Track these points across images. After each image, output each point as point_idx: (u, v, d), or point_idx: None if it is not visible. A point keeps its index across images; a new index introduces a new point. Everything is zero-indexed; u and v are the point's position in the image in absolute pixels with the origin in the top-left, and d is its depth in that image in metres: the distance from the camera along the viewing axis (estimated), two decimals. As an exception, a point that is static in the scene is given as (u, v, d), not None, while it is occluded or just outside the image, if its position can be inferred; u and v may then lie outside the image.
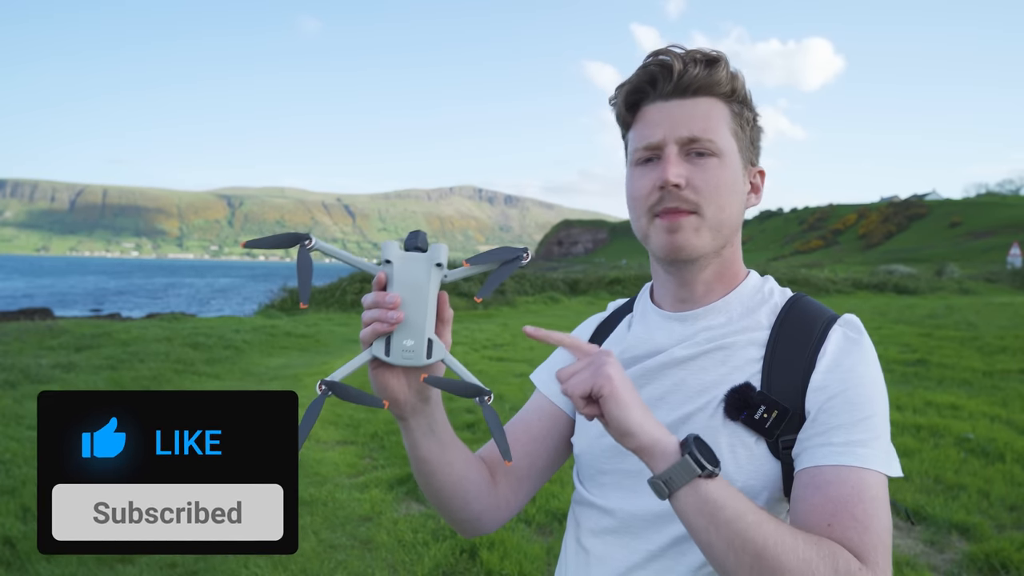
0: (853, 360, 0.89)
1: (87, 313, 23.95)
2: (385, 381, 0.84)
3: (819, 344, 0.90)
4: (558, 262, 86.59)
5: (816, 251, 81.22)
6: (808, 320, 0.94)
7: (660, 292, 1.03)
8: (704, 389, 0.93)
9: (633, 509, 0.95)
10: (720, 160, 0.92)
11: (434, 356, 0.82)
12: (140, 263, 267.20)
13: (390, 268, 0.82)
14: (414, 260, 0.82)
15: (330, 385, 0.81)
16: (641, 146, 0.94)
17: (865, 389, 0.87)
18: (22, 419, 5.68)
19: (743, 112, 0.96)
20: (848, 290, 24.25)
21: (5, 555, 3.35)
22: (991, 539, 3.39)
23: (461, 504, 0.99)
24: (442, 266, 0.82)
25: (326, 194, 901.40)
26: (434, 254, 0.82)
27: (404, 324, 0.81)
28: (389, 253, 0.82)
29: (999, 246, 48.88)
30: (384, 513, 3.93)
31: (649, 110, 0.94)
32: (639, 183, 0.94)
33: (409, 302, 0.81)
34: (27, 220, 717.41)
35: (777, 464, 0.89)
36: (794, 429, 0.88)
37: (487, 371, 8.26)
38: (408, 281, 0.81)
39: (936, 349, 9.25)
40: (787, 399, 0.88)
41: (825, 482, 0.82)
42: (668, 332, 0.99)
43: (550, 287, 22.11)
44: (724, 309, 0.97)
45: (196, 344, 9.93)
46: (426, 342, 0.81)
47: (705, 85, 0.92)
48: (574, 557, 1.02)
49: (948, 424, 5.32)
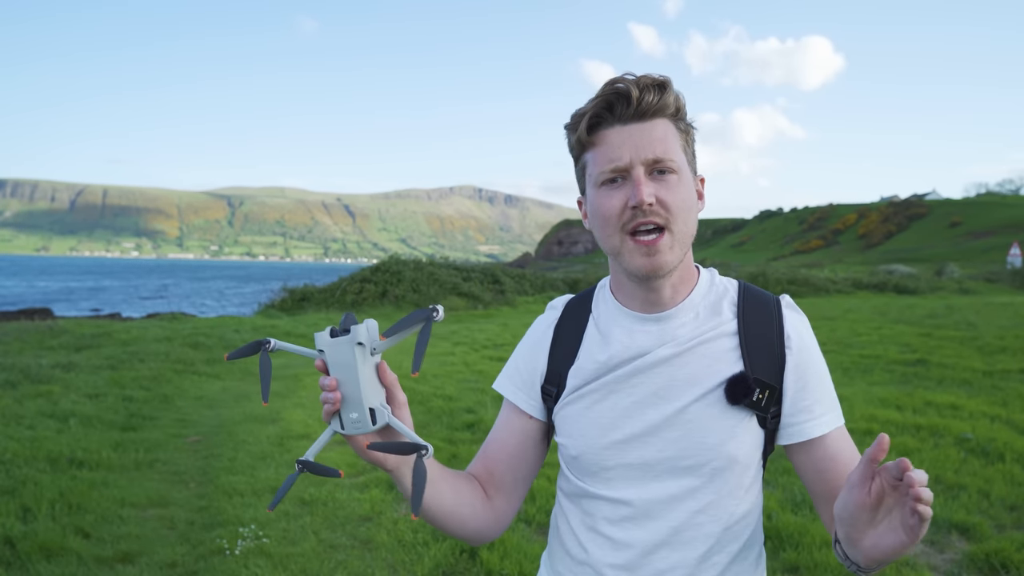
0: (808, 339, 1.08)
1: (87, 313, 23.94)
2: (359, 447, 0.95)
3: (781, 327, 1.07)
4: (558, 262, 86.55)
5: (816, 251, 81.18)
6: (764, 306, 1.09)
7: (627, 297, 1.10)
8: (692, 381, 1.04)
9: (648, 496, 1.04)
10: (679, 176, 1.02)
11: (378, 423, 0.93)
12: (140, 263, 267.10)
13: (324, 355, 0.93)
14: (339, 344, 0.91)
15: (303, 464, 0.96)
16: (608, 168, 1.01)
17: (820, 361, 1.08)
18: (22, 419, 5.68)
19: (687, 128, 1.06)
20: (848, 290, 24.24)
21: (5, 555, 3.35)
22: (991, 539, 3.39)
23: (459, 526, 1.08)
24: (364, 344, 0.91)
25: (326, 194, 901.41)
26: (354, 335, 0.90)
27: (346, 400, 0.92)
28: (320, 343, 0.93)
29: (999, 246, 48.85)
30: (384, 513, 3.93)
31: (609, 134, 1.02)
32: (609, 203, 1.02)
33: (344, 381, 0.92)
34: (27, 220, 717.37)
35: (762, 433, 1.06)
36: (776, 402, 1.04)
37: (487, 371, 8.26)
38: (339, 363, 0.92)
39: (936, 349, 9.25)
40: (770, 378, 1.04)
41: (835, 450, 1.04)
42: (647, 333, 1.07)
43: (550, 287, 22.13)
44: (691, 307, 1.08)
45: (196, 344, 9.93)
46: (367, 412, 0.92)
47: (659, 108, 1.01)
48: (593, 544, 1.08)
49: (948, 424, 5.31)
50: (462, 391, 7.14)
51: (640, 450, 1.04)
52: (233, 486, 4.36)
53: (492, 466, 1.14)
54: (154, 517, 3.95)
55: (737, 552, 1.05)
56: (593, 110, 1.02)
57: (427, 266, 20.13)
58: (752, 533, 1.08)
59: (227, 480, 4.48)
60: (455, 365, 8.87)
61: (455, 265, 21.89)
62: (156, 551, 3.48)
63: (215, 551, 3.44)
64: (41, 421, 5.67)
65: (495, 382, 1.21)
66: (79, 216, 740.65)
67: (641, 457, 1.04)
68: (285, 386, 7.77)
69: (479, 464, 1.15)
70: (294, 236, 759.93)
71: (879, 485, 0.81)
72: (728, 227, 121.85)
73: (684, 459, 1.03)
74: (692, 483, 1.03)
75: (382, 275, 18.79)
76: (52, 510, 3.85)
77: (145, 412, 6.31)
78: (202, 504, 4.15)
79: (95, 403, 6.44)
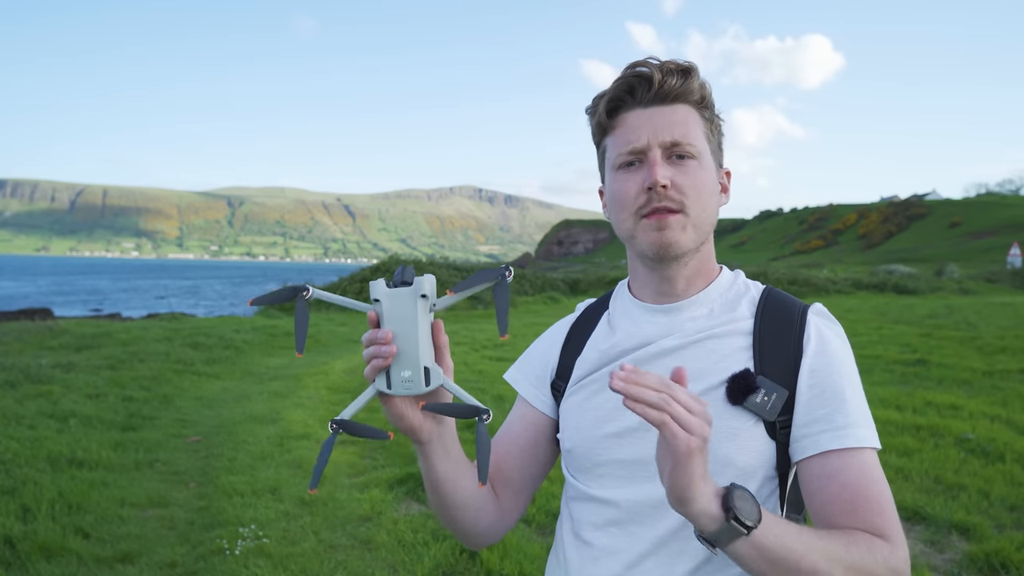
0: (836, 345, 0.97)
1: (87, 313, 23.94)
2: (399, 411, 0.88)
3: (802, 330, 0.98)
4: (558, 262, 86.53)
5: (816, 251, 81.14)
6: (786, 309, 1.01)
7: (640, 287, 1.07)
8: (697, 377, 0.97)
9: (637, 498, 0.98)
10: (699, 162, 0.98)
11: (432, 383, 0.86)
12: (139, 263, 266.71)
13: (379, 306, 0.86)
14: (400, 295, 0.85)
15: (340, 423, 0.88)
16: (625, 150, 0.98)
17: (847, 370, 0.95)
18: (22, 419, 5.68)
19: (712, 118, 1.03)
20: (848, 290, 24.23)
21: (5, 555, 3.35)
22: (991, 539, 3.39)
23: (473, 520, 1.03)
24: (427, 296, 0.84)
25: (326, 194, 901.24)
26: (418, 286, 0.84)
27: (399, 356, 0.85)
28: (376, 292, 0.86)
29: (999, 246, 48.82)
30: (384, 513, 3.93)
31: (629, 117, 0.99)
32: (624, 186, 0.99)
33: (401, 335, 0.85)
34: (27, 220, 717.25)
35: (772, 444, 0.94)
36: (788, 410, 0.94)
37: (487, 371, 8.25)
38: (397, 316, 0.85)
39: (936, 349, 9.25)
40: (783, 382, 0.94)
41: (836, 470, 0.89)
42: (654, 324, 1.03)
43: (550, 287, 22.12)
44: (705, 301, 1.03)
45: (196, 344, 9.93)
46: (422, 371, 0.86)
47: (681, 93, 0.98)
48: (575, 552, 1.03)
49: (948, 424, 5.31)
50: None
51: (634, 446, 0.98)
52: (233, 486, 4.35)
53: (502, 460, 1.10)
54: (154, 517, 3.95)
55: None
56: (613, 92, 0.99)
57: (427, 266, 20.15)
58: None
59: (227, 480, 4.48)
60: (455, 365, 8.80)
61: (455, 265, 21.92)
62: (156, 551, 3.48)
63: (215, 551, 3.44)
64: (41, 421, 5.67)
65: (506, 372, 1.18)
66: (79, 216, 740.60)
67: (634, 453, 0.98)
68: (285, 386, 7.77)
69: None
70: (294, 236, 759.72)
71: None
72: (728, 227, 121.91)
73: None
74: None
75: (382, 275, 18.80)
76: (52, 510, 3.85)
77: (145, 412, 6.31)
78: (202, 504, 4.15)
79: (95, 403, 6.44)
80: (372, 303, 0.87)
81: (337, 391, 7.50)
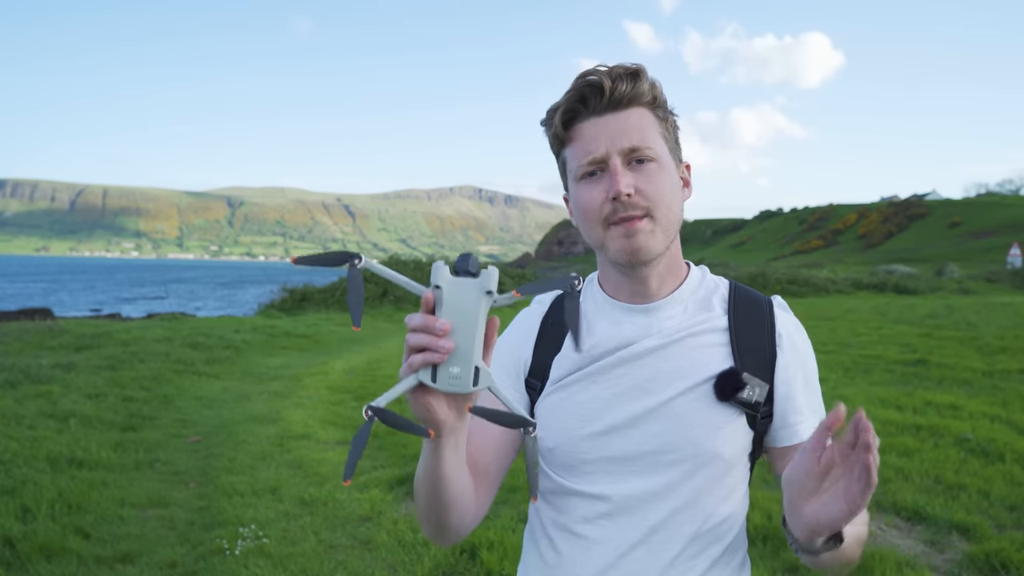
0: (800, 337, 1.07)
1: (87, 313, 23.93)
2: (428, 404, 0.83)
3: (772, 326, 1.05)
4: (558, 262, 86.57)
5: (816, 251, 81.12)
6: (755, 306, 1.08)
7: (613, 287, 1.09)
8: (679, 374, 1.02)
9: (628, 491, 1.01)
10: (658, 164, 0.99)
11: (480, 384, 0.79)
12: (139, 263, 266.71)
13: (439, 293, 0.78)
14: (465, 286, 0.78)
15: (376, 411, 0.79)
16: (585, 161, 0.99)
17: (812, 363, 1.08)
18: (22, 419, 5.68)
19: (667, 116, 1.04)
20: (848, 290, 24.23)
21: (5, 555, 3.35)
22: (991, 539, 3.39)
23: (460, 516, 1.00)
24: (492, 293, 0.78)
25: (326, 194, 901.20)
26: (485, 280, 0.78)
27: (452, 351, 0.78)
28: (439, 278, 0.78)
29: (999, 246, 48.81)
30: (384, 513, 3.93)
31: (584, 127, 1.00)
32: (589, 195, 1.00)
33: (458, 329, 0.78)
34: (27, 220, 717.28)
35: (751, 434, 1.03)
36: (768, 402, 1.03)
37: (487, 371, 8.25)
38: (457, 307, 0.78)
39: (936, 349, 9.25)
40: (761, 376, 1.02)
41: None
42: (633, 324, 1.06)
43: (550, 287, 22.10)
44: (680, 300, 1.07)
45: (196, 344, 9.93)
46: (472, 370, 0.79)
47: (633, 97, 0.99)
48: (565, 544, 1.05)
49: (948, 424, 5.31)
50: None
51: (620, 443, 1.02)
52: (233, 486, 4.36)
53: (478, 454, 1.08)
54: (154, 517, 3.95)
55: (719, 556, 1.03)
56: (566, 104, 1.00)
57: (427, 266, 20.15)
58: (735, 537, 1.05)
59: (227, 480, 4.48)
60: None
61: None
62: (156, 551, 3.48)
63: (215, 551, 3.44)
64: (41, 421, 5.67)
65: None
66: (79, 216, 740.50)
67: (621, 450, 1.01)
68: (285, 386, 7.77)
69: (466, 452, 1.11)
70: (294, 236, 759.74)
71: (829, 455, 0.79)
72: (728, 227, 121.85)
73: (666, 454, 1.00)
74: (673, 479, 1.00)
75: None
76: (52, 510, 3.85)
77: (145, 412, 6.31)
78: (202, 504, 4.15)
79: (95, 403, 6.44)
80: (432, 288, 0.78)
81: (337, 391, 7.50)
